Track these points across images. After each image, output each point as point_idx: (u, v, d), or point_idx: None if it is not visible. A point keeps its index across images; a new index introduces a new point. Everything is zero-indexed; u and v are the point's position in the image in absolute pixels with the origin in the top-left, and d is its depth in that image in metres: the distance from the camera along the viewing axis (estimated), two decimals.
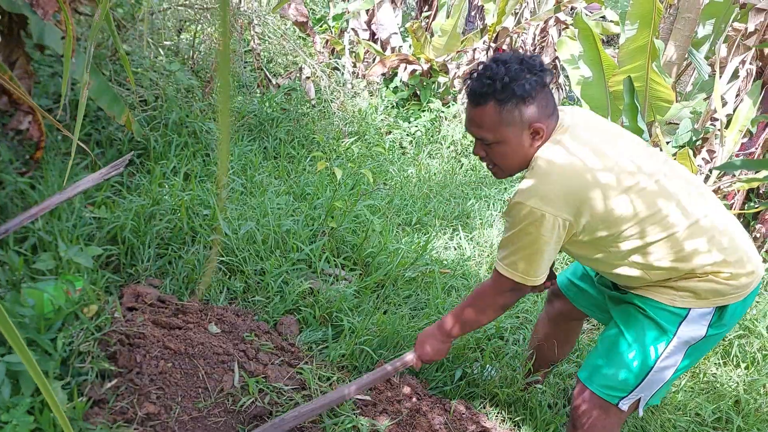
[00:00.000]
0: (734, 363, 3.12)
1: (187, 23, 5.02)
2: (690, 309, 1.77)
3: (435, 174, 4.99)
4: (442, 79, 6.04)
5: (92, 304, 2.12)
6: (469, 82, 1.78)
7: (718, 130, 3.98)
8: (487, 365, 2.73)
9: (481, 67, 1.77)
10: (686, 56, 4.63)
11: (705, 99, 4.57)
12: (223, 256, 2.88)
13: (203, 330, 2.38)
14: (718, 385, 2.93)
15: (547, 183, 1.69)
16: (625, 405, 1.89)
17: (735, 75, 4.28)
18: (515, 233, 1.75)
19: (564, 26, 6.27)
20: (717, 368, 3.06)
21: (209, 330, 2.38)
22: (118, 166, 1.54)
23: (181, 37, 4.95)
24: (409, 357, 2.21)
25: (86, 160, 3.21)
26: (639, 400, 1.89)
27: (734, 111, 4.14)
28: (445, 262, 3.63)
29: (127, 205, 2.92)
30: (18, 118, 2.70)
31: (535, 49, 6.54)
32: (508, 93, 1.69)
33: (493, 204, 4.61)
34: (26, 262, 2.24)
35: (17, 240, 2.32)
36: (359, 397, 2.31)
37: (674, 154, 3.90)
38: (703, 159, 3.96)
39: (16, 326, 1.76)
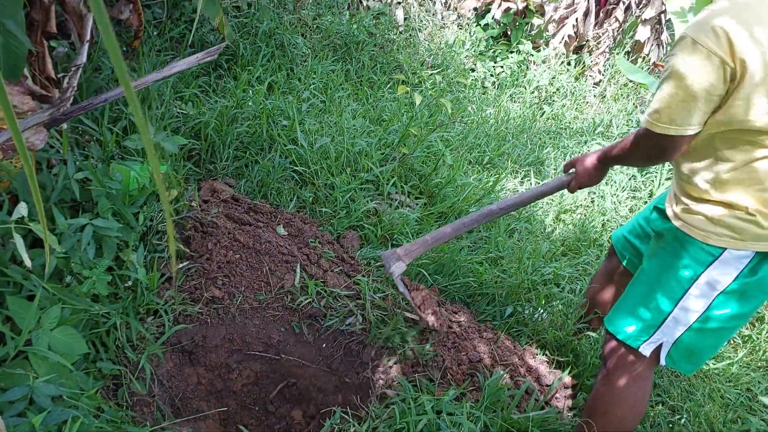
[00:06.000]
0: None
1: None
2: (725, 249, 1.69)
3: (514, 118, 4.88)
4: (536, 21, 5.80)
5: (173, 189, 2.25)
6: None
7: None
8: (540, 308, 2.74)
9: None
10: None
11: None
12: (296, 166, 2.96)
13: (271, 230, 2.49)
14: None
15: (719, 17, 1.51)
16: (646, 350, 1.86)
17: None
18: (668, 77, 1.59)
19: None
20: None
21: (277, 231, 2.49)
22: (213, 53, 1.59)
23: None
24: (566, 179, 2.16)
25: (178, 57, 3.32)
26: (661, 346, 1.86)
27: None
28: None
29: (212, 104, 3.02)
30: (119, 7, 2.81)
31: (641, 1, 6.14)
32: None
33: (571, 155, 4.48)
34: (117, 142, 2.38)
35: (110, 120, 2.47)
36: (408, 314, 2.38)
37: None
38: None
39: (104, 196, 1.90)
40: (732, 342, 2.96)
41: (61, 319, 1.65)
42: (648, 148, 1.76)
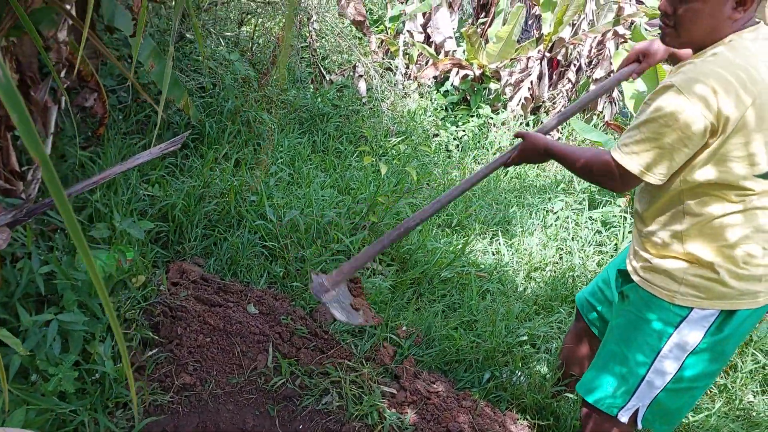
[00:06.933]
0: None
1: (249, 16, 5.16)
2: (692, 309, 1.70)
3: None
4: (493, 86, 6.03)
5: (140, 275, 2.23)
6: None
7: None
8: (517, 371, 2.73)
9: None
10: None
11: None
12: (266, 241, 2.96)
13: (242, 309, 2.46)
14: (754, 414, 2.86)
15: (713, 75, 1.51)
16: (624, 416, 1.85)
17: None
18: (649, 120, 1.59)
19: (622, 40, 6.17)
20: (755, 396, 2.98)
21: (248, 310, 2.46)
22: (176, 143, 1.62)
23: (242, 29, 5.09)
24: (506, 157, 2.01)
25: (144, 140, 3.35)
26: (637, 410, 1.85)
27: None
28: (482, 266, 3.63)
29: (179, 185, 3.04)
30: (84, 95, 2.85)
31: (591, 62, 6.46)
32: None
33: (536, 213, 4.58)
34: (83, 230, 2.36)
35: (76, 209, 2.45)
36: (385, 388, 2.35)
37: None
38: None
39: (70, 288, 1.87)
40: (708, 392, 2.98)
41: (26, 422, 1.59)
42: (607, 177, 1.73)
